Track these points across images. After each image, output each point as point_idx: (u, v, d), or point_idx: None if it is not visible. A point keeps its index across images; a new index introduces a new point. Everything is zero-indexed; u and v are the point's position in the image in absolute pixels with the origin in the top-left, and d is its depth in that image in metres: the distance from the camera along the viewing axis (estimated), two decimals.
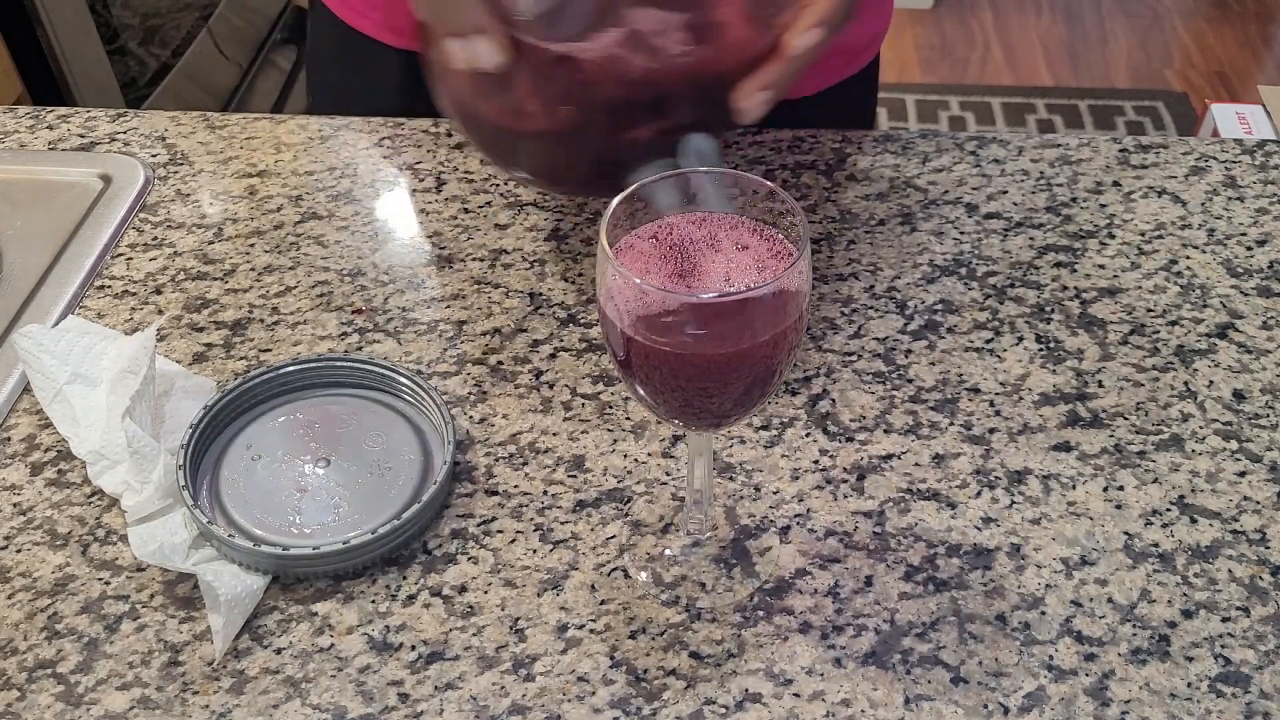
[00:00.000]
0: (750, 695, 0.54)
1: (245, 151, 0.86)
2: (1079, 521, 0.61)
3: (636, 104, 0.61)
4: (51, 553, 0.60)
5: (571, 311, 0.73)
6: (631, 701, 0.54)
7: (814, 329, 0.71)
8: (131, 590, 0.59)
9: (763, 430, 0.65)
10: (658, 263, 0.50)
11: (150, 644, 0.56)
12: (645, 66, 0.60)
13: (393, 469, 0.62)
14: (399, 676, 0.55)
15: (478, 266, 0.76)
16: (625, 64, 0.60)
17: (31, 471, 0.64)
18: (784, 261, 0.49)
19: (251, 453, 0.63)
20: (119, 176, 0.83)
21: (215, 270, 0.76)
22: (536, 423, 0.66)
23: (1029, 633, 0.56)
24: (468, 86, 0.65)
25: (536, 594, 0.58)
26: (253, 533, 0.59)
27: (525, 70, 0.61)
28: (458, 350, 0.71)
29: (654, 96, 0.61)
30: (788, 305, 0.48)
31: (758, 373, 0.50)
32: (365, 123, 0.88)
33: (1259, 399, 0.67)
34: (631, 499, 0.62)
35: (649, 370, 0.50)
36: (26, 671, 0.55)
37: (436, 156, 0.85)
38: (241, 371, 0.69)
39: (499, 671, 0.55)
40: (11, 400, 0.68)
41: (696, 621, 0.57)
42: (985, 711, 0.53)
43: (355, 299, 0.74)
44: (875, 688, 0.54)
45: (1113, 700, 0.53)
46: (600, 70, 0.60)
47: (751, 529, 0.61)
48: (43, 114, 0.90)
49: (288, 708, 0.54)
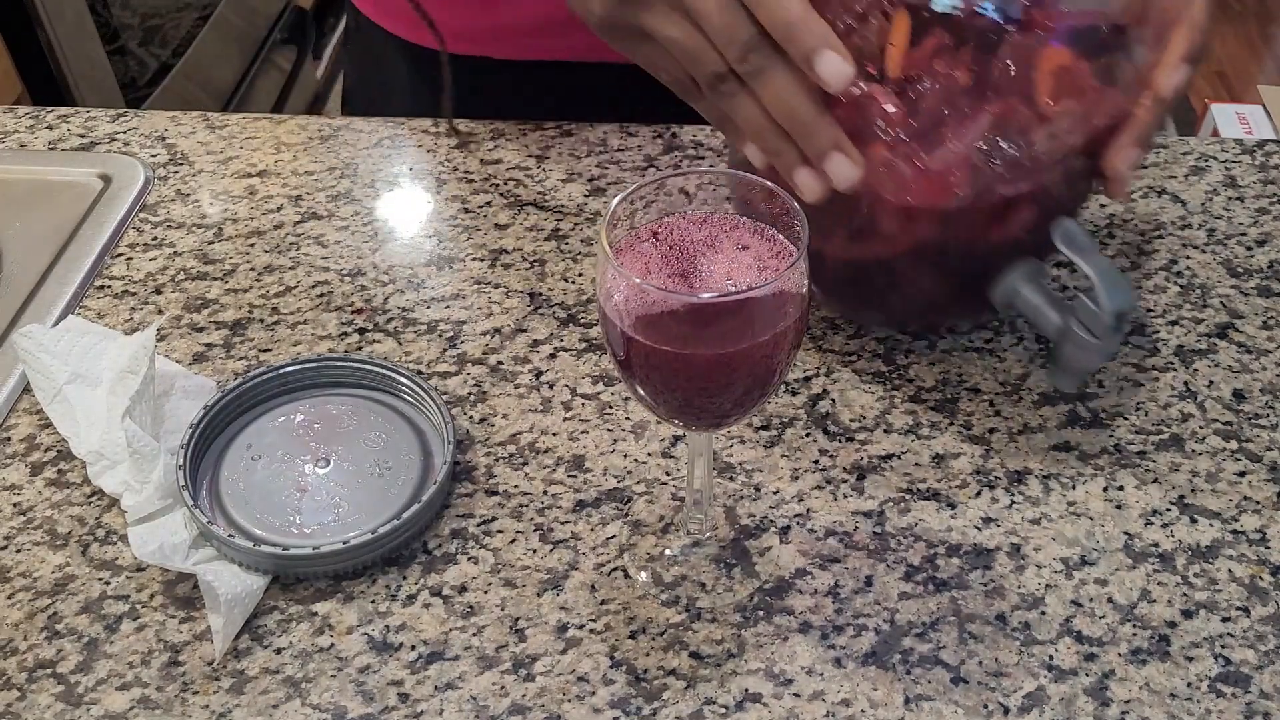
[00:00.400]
0: (750, 695, 0.54)
1: (245, 151, 0.86)
2: (1079, 521, 0.61)
3: (1005, 201, 0.58)
4: (51, 553, 0.60)
5: (571, 311, 0.73)
6: (631, 701, 0.54)
7: (814, 329, 0.71)
8: (131, 590, 0.59)
9: (763, 430, 0.65)
10: (658, 263, 0.50)
11: (150, 644, 0.56)
12: (1014, 159, 0.56)
13: (393, 469, 0.62)
14: (399, 676, 0.55)
15: (478, 266, 0.76)
16: (994, 160, 0.56)
17: (31, 471, 0.64)
18: (784, 261, 0.49)
19: (251, 453, 0.63)
20: (119, 176, 0.83)
21: (215, 270, 0.76)
22: (536, 423, 0.66)
23: (1029, 633, 0.56)
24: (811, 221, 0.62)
25: (536, 594, 0.58)
26: (253, 533, 0.59)
27: (882, 187, 0.57)
28: (458, 350, 0.71)
29: (1023, 189, 0.57)
30: (788, 305, 0.48)
31: (758, 373, 0.50)
32: (365, 122, 0.88)
33: (1259, 399, 0.67)
34: (631, 499, 0.62)
35: (649, 370, 0.50)
36: (26, 671, 0.55)
37: (436, 156, 0.85)
38: (241, 371, 0.69)
39: (499, 671, 0.55)
40: (11, 400, 0.68)
41: (696, 621, 0.57)
42: (985, 711, 0.53)
43: (355, 299, 0.74)
44: (875, 688, 0.54)
45: (1113, 700, 0.53)
46: (965, 173, 0.56)
47: (751, 529, 0.61)
48: (43, 114, 0.90)
49: (288, 708, 0.54)
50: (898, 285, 0.64)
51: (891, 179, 0.56)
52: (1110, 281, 0.56)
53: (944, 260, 0.62)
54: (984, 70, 0.55)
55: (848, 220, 0.61)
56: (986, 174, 0.56)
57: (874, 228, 0.60)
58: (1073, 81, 0.56)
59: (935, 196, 0.57)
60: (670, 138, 0.84)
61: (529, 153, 0.85)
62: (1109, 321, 0.56)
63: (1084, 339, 0.57)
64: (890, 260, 0.63)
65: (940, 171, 0.56)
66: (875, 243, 0.61)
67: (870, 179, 0.56)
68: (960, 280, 0.63)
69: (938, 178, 0.56)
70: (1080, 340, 0.58)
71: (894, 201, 0.58)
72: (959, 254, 0.61)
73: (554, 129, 0.86)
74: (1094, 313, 0.57)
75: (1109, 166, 0.57)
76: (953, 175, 0.56)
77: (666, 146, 0.84)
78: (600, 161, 0.83)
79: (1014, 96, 0.55)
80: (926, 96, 0.55)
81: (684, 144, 0.84)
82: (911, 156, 0.56)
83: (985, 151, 0.55)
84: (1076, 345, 0.58)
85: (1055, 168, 0.58)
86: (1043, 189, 0.58)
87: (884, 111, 0.55)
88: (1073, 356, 0.59)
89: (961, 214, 0.58)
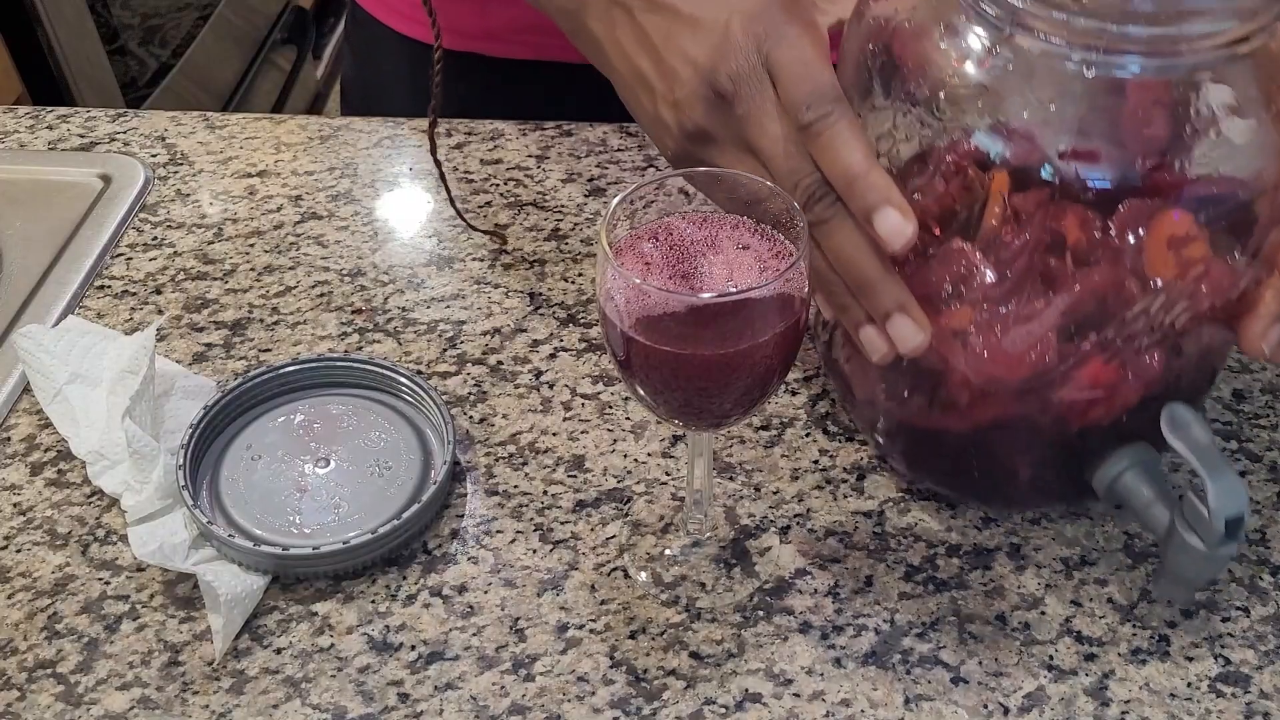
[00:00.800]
0: (750, 695, 0.54)
1: (245, 151, 0.86)
2: (1079, 521, 0.61)
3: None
4: (51, 553, 0.60)
5: (571, 311, 0.73)
6: (631, 701, 0.54)
7: (813, 329, 0.71)
8: (131, 590, 0.59)
9: (763, 430, 0.65)
10: (658, 263, 0.50)
11: (150, 644, 0.56)
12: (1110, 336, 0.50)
13: (393, 469, 0.62)
14: (399, 676, 0.55)
15: (478, 266, 0.76)
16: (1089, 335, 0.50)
17: (31, 471, 0.64)
18: (784, 261, 0.49)
19: (251, 453, 0.63)
20: (119, 176, 0.83)
21: (215, 270, 0.76)
22: (536, 423, 0.66)
23: (1029, 633, 0.56)
24: (879, 382, 0.57)
25: (536, 594, 0.58)
26: (253, 533, 0.59)
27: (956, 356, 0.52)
28: (458, 350, 0.71)
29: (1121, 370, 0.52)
30: (788, 305, 0.48)
31: (758, 373, 0.50)
32: (365, 122, 0.88)
33: (1259, 399, 0.67)
34: (631, 499, 0.62)
35: (649, 370, 0.50)
36: (26, 671, 0.55)
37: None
38: (241, 371, 0.69)
39: (499, 671, 0.55)
40: (11, 400, 0.68)
41: (696, 621, 0.57)
42: (985, 711, 0.53)
43: (355, 299, 0.74)
44: (875, 688, 0.54)
45: (1113, 700, 0.53)
46: (1052, 348, 0.50)
47: (751, 529, 0.61)
48: (43, 114, 0.90)
49: (288, 708, 0.54)
50: (982, 462, 0.58)
51: (969, 349, 0.52)
52: (1222, 481, 0.49)
53: (1034, 440, 0.56)
54: (1087, 236, 0.48)
55: (926, 386, 0.56)
56: (1076, 351, 0.51)
57: (953, 398, 0.55)
58: (1189, 253, 0.49)
59: (1015, 371, 0.51)
60: None
61: (529, 153, 0.85)
62: (1218, 528, 0.49)
63: (1191, 545, 0.50)
64: (972, 434, 0.57)
65: (1025, 345, 0.50)
66: (954, 414, 0.56)
67: (944, 346, 0.52)
68: (1054, 463, 0.57)
69: (1021, 352, 0.51)
70: (1187, 546, 0.50)
71: (969, 374, 0.53)
72: (1051, 435, 0.55)
73: (554, 129, 0.86)
74: (1202, 516, 0.49)
75: (1247, 346, 0.51)
76: (1038, 350, 0.50)
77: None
78: (600, 161, 0.83)
79: (1119, 267, 0.49)
80: (1018, 261, 0.49)
81: None
82: (995, 325, 0.51)
83: (1079, 325, 0.50)
84: (1183, 552, 0.51)
85: (1161, 347, 0.51)
86: (1148, 369, 0.52)
87: (967, 274, 0.50)
88: (1179, 564, 0.51)
89: (1049, 392, 0.52)
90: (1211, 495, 0.49)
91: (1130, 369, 0.52)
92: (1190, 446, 0.50)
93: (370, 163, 0.85)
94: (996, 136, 0.48)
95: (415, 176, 0.83)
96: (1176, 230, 0.48)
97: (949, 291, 0.51)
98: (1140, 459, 0.54)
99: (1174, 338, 0.51)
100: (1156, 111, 0.47)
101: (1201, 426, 0.51)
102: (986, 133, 0.48)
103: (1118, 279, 0.49)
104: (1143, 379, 0.52)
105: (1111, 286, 0.49)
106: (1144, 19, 0.44)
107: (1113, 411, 0.53)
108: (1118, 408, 0.53)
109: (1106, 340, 0.50)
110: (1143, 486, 0.54)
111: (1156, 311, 0.49)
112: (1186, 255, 0.48)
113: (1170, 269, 0.48)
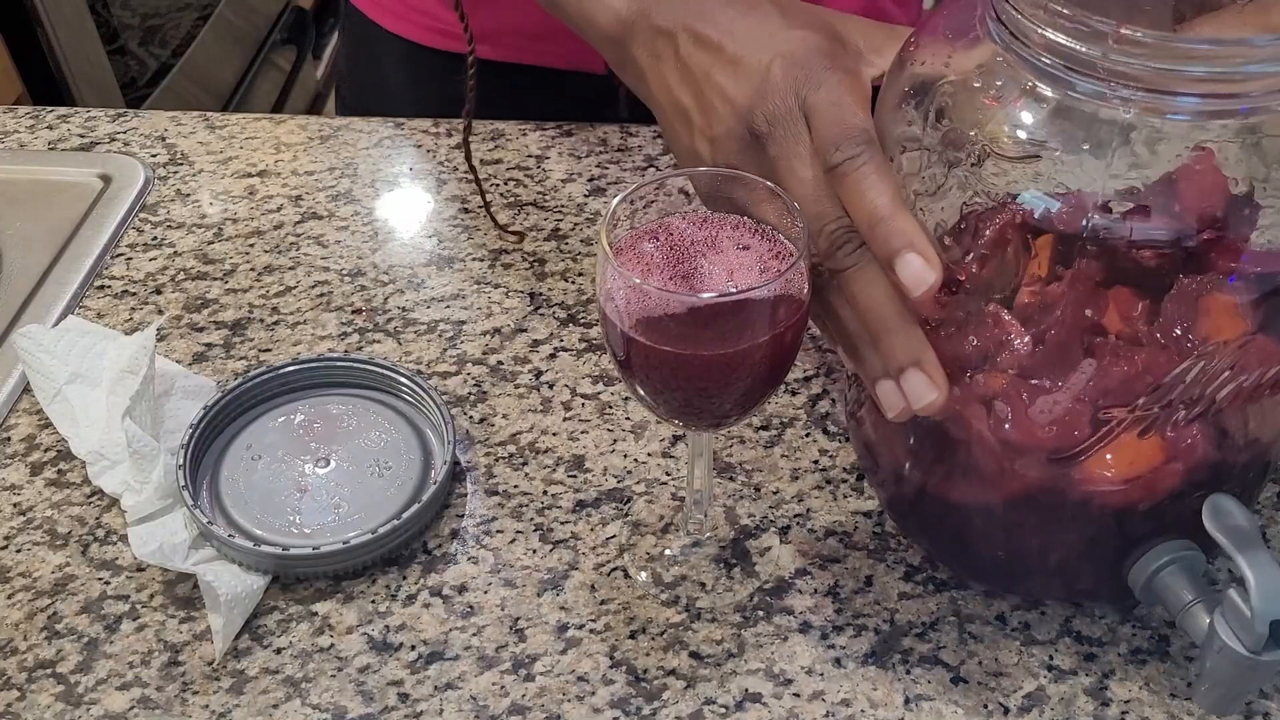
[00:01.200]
0: (750, 695, 0.54)
1: (245, 151, 0.86)
2: None
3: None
4: (51, 553, 0.60)
5: (571, 311, 0.73)
6: (631, 701, 0.54)
7: (814, 329, 0.71)
8: (131, 590, 0.59)
9: (763, 430, 0.65)
10: (658, 263, 0.50)
11: (150, 644, 0.56)
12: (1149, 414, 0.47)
13: (392, 469, 0.62)
14: (399, 676, 0.55)
15: (478, 266, 0.76)
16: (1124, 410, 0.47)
17: (31, 471, 0.64)
18: (784, 261, 0.49)
19: (251, 453, 0.63)
20: (119, 176, 0.83)
21: (215, 270, 0.76)
22: (536, 423, 0.66)
23: (1029, 633, 0.56)
24: (899, 442, 0.54)
25: (536, 594, 0.58)
26: (253, 533, 0.59)
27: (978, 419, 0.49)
28: (458, 350, 0.71)
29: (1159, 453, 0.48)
30: (788, 306, 0.48)
31: (758, 373, 0.50)
32: (365, 122, 0.88)
33: None
34: (631, 499, 0.62)
35: (649, 370, 0.50)
36: (26, 671, 0.55)
37: (436, 156, 0.85)
38: (241, 371, 0.69)
39: (499, 671, 0.55)
40: (11, 400, 0.68)
41: (696, 621, 0.57)
42: (985, 711, 0.53)
43: (355, 299, 0.74)
44: (875, 688, 0.54)
45: (1113, 700, 0.53)
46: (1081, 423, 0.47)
47: (751, 529, 0.61)
48: (43, 114, 0.90)
49: (288, 708, 0.54)
50: (1003, 541, 0.54)
51: (995, 414, 0.49)
52: (1267, 577, 0.45)
53: (1064, 523, 0.52)
54: (1129, 308, 0.46)
55: (944, 452, 0.53)
56: (1107, 425, 0.47)
57: (973, 466, 0.51)
58: (1232, 321, 0.46)
59: (1041, 439, 0.48)
60: None
61: (529, 153, 0.85)
62: (1260, 630, 0.45)
63: (1233, 650, 0.46)
64: (993, 509, 0.53)
65: (1053, 413, 0.48)
66: (974, 483, 0.52)
67: (966, 409, 0.49)
68: (1083, 551, 0.53)
69: (1049, 419, 0.48)
70: (1228, 650, 0.46)
71: (990, 439, 0.50)
72: (1083, 517, 0.51)
73: (554, 129, 0.86)
74: (1245, 617, 0.45)
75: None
76: (1067, 419, 0.47)
77: (667, 146, 0.84)
78: (600, 161, 0.83)
79: (1168, 347, 0.46)
80: (1054, 332, 0.47)
81: None
82: (1023, 393, 0.48)
83: (1110, 392, 0.47)
84: (1224, 656, 0.46)
85: (1201, 425, 0.48)
86: (1188, 452, 0.48)
87: (999, 339, 0.47)
88: (1219, 669, 0.47)
89: (1077, 465, 0.49)
90: (1255, 593, 0.44)
91: (1169, 448, 0.48)
92: (1231, 537, 0.46)
93: (370, 163, 0.85)
94: (1041, 199, 0.45)
95: (415, 176, 0.83)
96: (1226, 304, 0.45)
97: (978, 355, 0.48)
98: (1182, 556, 0.50)
99: (1216, 415, 0.48)
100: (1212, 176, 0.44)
101: (1246, 517, 0.47)
102: (1032, 194, 0.45)
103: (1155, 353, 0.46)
104: (1184, 462, 0.49)
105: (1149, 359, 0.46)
106: (1200, 57, 0.41)
107: (1152, 496, 0.50)
108: (1158, 492, 0.50)
109: (1140, 410, 0.47)
110: (1182, 587, 0.50)
111: (1193, 381, 0.46)
112: (1229, 323, 0.45)
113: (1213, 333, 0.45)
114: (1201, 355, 0.45)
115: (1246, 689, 0.48)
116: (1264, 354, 0.46)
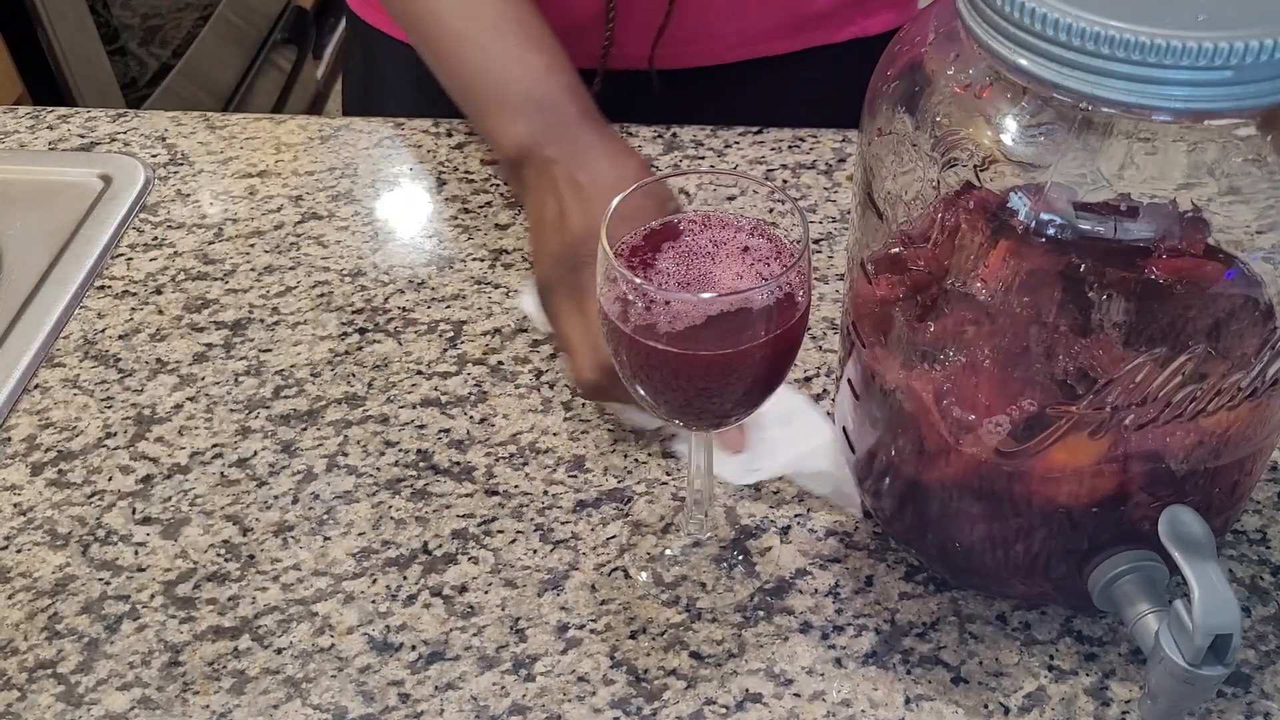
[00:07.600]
0: (750, 695, 0.54)
1: (245, 151, 0.86)
2: None
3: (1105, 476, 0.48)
4: (51, 553, 0.60)
5: None
6: (631, 701, 0.54)
7: (814, 329, 0.71)
8: (131, 590, 0.59)
9: None
10: (658, 263, 0.50)
11: (150, 644, 0.56)
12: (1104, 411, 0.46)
13: None
14: (399, 676, 0.55)
15: (478, 266, 0.76)
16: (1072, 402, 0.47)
17: (31, 471, 0.64)
18: (784, 261, 0.49)
19: None
20: (119, 176, 0.83)
21: (215, 270, 0.76)
22: (536, 423, 0.66)
23: (1029, 633, 0.56)
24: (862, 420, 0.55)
25: (537, 594, 0.58)
26: None
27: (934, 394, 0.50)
28: (458, 350, 0.71)
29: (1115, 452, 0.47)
30: (788, 306, 0.48)
31: (758, 373, 0.50)
32: (365, 122, 0.88)
33: None
34: (631, 499, 0.62)
35: (649, 370, 0.50)
36: (27, 671, 0.55)
37: (436, 156, 0.85)
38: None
39: (499, 671, 0.55)
40: (12, 400, 0.68)
41: (697, 621, 0.57)
42: (986, 711, 0.53)
43: (355, 299, 0.74)
44: (875, 688, 0.54)
45: (1113, 700, 0.53)
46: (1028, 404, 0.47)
47: (751, 529, 0.61)
48: (43, 114, 0.90)
49: (288, 708, 0.54)
50: (957, 526, 0.54)
51: (944, 400, 0.49)
52: (1211, 591, 0.44)
53: (1003, 511, 0.51)
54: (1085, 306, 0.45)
55: (898, 431, 0.53)
56: (1055, 421, 0.47)
57: (925, 446, 0.52)
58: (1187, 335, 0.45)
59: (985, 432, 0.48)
60: (670, 138, 0.84)
61: None
62: (1200, 644, 0.44)
63: (1173, 661, 0.45)
64: (946, 492, 0.53)
65: (998, 395, 0.47)
66: (925, 462, 0.53)
67: (920, 391, 0.50)
68: (1038, 550, 0.53)
69: (994, 401, 0.48)
70: (1168, 662, 0.45)
71: (939, 422, 0.50)
72: (1023, 511, 0.51)
73: None
74: (1187, 629, 0.44)
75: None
76: (1014, 403, 0.47)
77: (667, 146, 0.84)
78: None
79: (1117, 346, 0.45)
80: (1008, 320, 0.47)
81: (684, 144, 0.84)
82: (974, 379, 0.48)
83: (1062, 395, 0.46)
84: (1165, 668, 0.45)
85: (1156, 431, 0.47)
86: (1141, 453, 0.47)
87: (953, 323, 0.48)
88: (1160, 680, 0.46)
89: (1028, 459, 0.48)
90: (1197, 605, 0.44)
91: (1114, 449, 0.48)
92: (1182, 547, 0.45)
93: (370, 163, 0.85)
94: (1011, 194, 0.46)
95: (415, 176, 0.83)
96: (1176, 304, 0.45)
97: (933, 340, 0.49)
98: (1143, 566, 0.49)
99: (1170, 423, 0.47)
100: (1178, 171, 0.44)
101: (1203, 529, 0.46)
102: (996, 185, 0.46)
103: (1106, 351, 0.46)
104: (1128, 465, 0.48)
105: (1098, 356, 0.46)
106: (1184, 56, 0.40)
107: (1096, 496, 0.49)
108: (1102, 493, 0.49)
109: (1088, 407, 0.47)
110: (1140, 596, 0.49)
111: (1143, 381, 0.45)
112: (1182, 330, 0.45)
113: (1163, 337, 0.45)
114: (1151, 357, 0.45)
115: (1186, 704, 0.47)
116: (1215, 366, 0.45)
